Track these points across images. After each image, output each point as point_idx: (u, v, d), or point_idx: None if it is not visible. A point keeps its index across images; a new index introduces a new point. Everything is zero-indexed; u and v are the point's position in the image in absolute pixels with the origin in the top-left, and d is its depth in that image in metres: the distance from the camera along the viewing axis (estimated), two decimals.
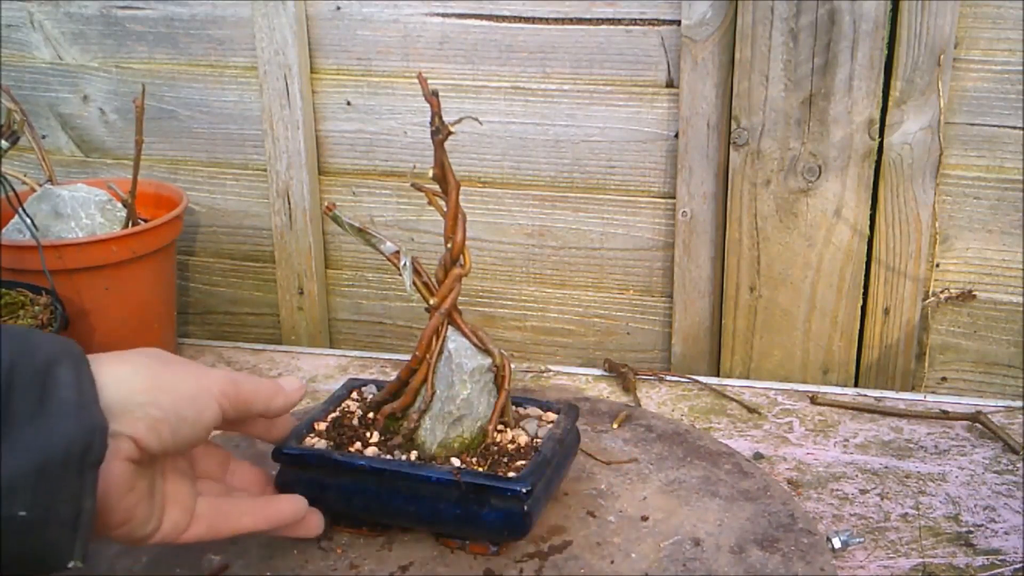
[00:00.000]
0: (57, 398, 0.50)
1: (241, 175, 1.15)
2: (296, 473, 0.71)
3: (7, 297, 0.89)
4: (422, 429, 0.72)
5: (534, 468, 0.69)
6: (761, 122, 0.96)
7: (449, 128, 0.68)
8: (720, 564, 0.70)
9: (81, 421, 0.50)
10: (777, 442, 0.90)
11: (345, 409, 0.77)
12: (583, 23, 1.01)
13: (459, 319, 0.73)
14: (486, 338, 0.74)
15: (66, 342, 0.54)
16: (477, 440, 0.73)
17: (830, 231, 0.98)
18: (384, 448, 0.72)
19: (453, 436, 0.72)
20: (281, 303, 1.17)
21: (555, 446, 0.72)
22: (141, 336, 0.99)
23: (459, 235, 0.71)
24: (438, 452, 0.72)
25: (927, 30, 0.91)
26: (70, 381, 0.51)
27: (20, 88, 1.16)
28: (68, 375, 0.52)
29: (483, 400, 0.73)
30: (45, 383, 0.50)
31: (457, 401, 0.72)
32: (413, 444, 0.73)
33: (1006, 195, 0.96)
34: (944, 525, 0.77)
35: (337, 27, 1.07)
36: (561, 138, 1.05)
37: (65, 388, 0.51)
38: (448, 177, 0.70)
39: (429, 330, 0.72)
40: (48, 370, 0.51)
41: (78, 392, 0.51)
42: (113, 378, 0.56)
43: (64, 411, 0.50)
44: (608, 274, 1.09)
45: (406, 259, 0.72)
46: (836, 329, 1.02)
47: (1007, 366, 1.01)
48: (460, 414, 0.72)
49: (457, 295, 0.73)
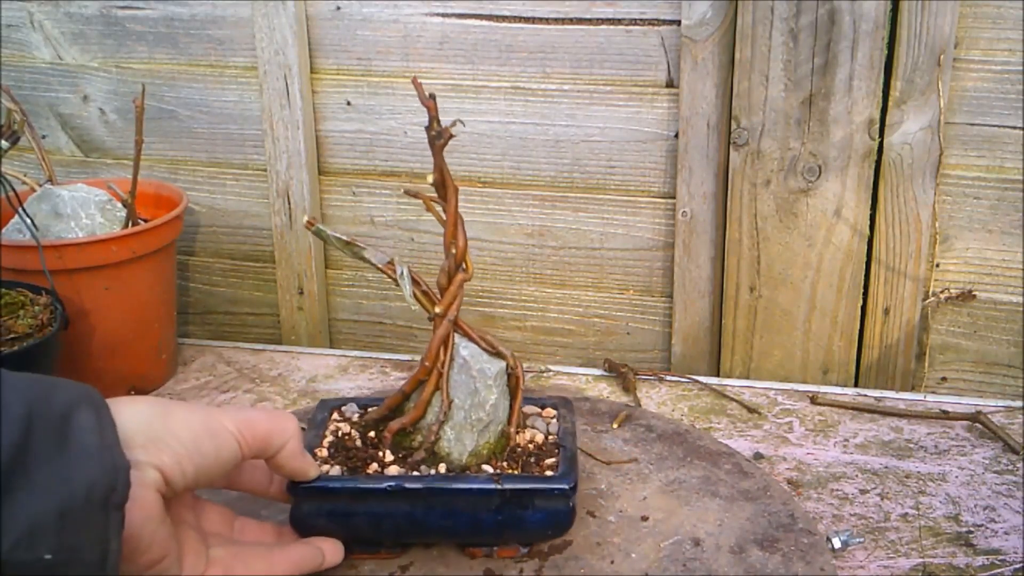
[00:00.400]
0: (78, 441, 0.51)
1: (241, 175, 1.15)
2: (315, 505, 0.68)
3: (7, 297, 0.89)
4: (443, 440, 0.71)
5: (571, 464, 0.69)
6: (761, 122, 0.96)
7: (450, 132, 0.67)
8: (720, 564, 0.70)
9: (103, 463, 0.51)
10: (777, 442, 0.90)
11: (338, 431, 0.74)
12: (583, 23, 1.01)
13: (465, 325, 0.72)
14: (495, 341, 0.73)
15: (86, 388, 0.54)
16: (501, 444, 0.72)
17: (830, 231, 0.98)
18: (405, 465, 0.70)
19: (482, 443, 0.71)
20: (281, 303, 1.17)
21: (573, 440, 0.73)
22: (141, 336, 0.99)
23: (461, 240, 0.71)
24: (469, 461, 0.71)
25: (927, 30, 0.91)
26: (91, 425, 0.52)
27: (20, 88, 1.16)
28: (88, 419, 0.52)
29: (502, 403, 0.73)
30: (65, 428, 0.51)
31: (487, 407, 0.71)
32: (437, 457, 0.71)
33: (1006, 195, 0.96)
34: (944, 525, 0.77)
35: (337, 27, 1.07)
36: (561, 138, 1.05)
37: (86, 432, 0.51)
38: (447, 182, 0.69)
39: (437, 339, 0.70)
40: (68, 414, 0.51)
41: (99, 435, 0.52)
42: (131, 414, 0.56)
43: (86, 453, 0.50)
44: (608, 274, 1.09)
45: (402, 268, 0.71)
46: (836, 329, 1.02)
47: (1007, 366, 1.01)
48: (489, 420, 0.71)
49: (461, 301, 0.72)
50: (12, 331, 0.85)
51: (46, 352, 0.86)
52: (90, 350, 0.95)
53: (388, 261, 0.72)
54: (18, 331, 0.86)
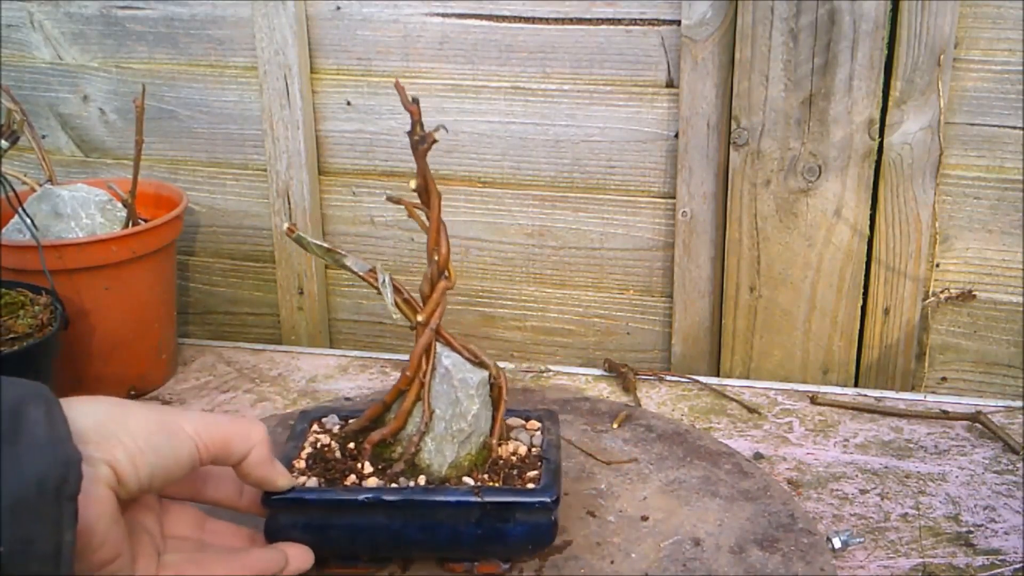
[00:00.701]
0: (28, 434, 0.50)
1: (241, 175, 1.15)
2: (290, 517, 0.66)
3: (7, 297, 0.89)
4: (424, 452, 0.69)
5: (553, 476, 0.68)
6: (761, 122, 0.96)
7: (434, 137, 0.65)
8: (720, 564, 0.70)
9: (55, 455, 0.50)
10: (777, 442, 0.90)
11: (317, 442, 0.73)
12: (583, 23, 1.01)
13: (447, 334, 0.71)
14: (478, 351, 0.71)
15: (36, 385, 0.54)
16: (483, 456, 0.71)
17: (830, 231, 0.98)
18: (385, 477, 0.68)
19: (463, 455, 0.70)
20: (281, 303, 1.17)
21: (557, 452, 0.71)
22: (141, 336, 0.99)
23: (444, 247, 0.69)
24: (449, 473, 0.69)
25: (927, 30, 0.91)
26: (40, 418, 0.51)
27: (20, 88, 1.16)
28: (38, 413, 0.51)
29: (484, 414, 0.71)
30: (15, 422, 0.50)
31: (468, 418, 0.69)
32: (417, 469, 0.69)
33: (1006, 195, 0.96)
34: (944, 525, 0.77)
35: (337, 27, 1.07)
36: (561, 138, 1.05)
37: (35, 424, 0.51)
38: (431, 188, 0.67)
39: (419, 348, 0.69)
40: (18, 409, 0.51)
41: (49, 428, 0.51)
42: (84, 412, 0.56)
43: (36, 446, 0.50)
44: (608, 274, 1.09)
45: (384, 276, 0.69)
46: (836, 329, 1.02)
47: (1007, 366, 1.01)
48: (470, 431, 0.70)
49: (444, 309, 0.70)
50: (12, 331, 0.85)
51: (46, 352, 0.86)
52: (90, 350, 0.95)
53: (370, 269, 0.70)
54: (18, 331, 0.86)
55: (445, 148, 1.07)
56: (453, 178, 1.08)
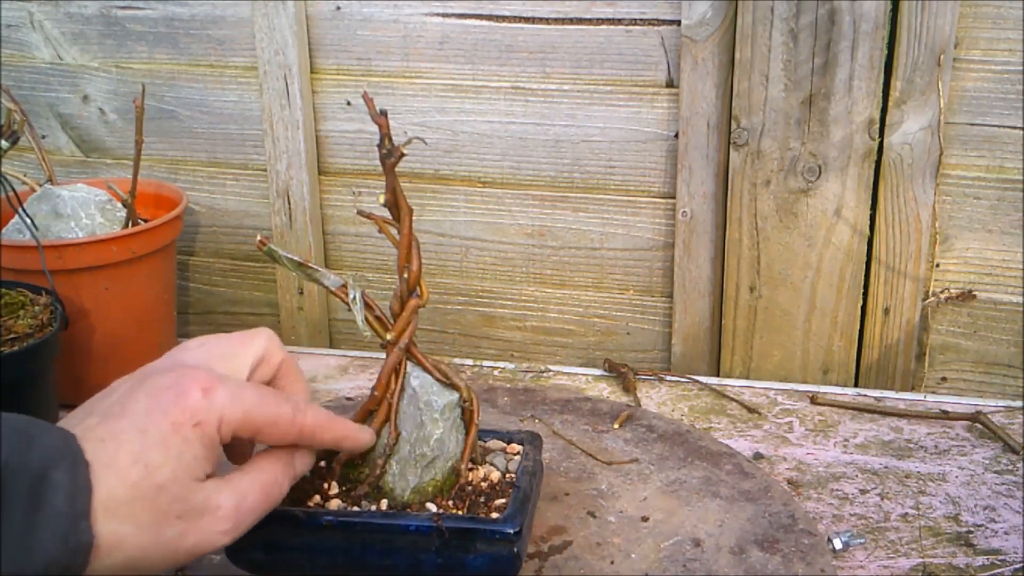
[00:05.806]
0: (48, 504, 0.49)
1: (241, 175, 1.15)
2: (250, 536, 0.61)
3: (7, 297, 0.89)
4: (388, 475, 0.67)
5: (519, 507, 0.65)
6: (761, 122, 0.96)
7: (401, 150, 0.63)
8: (720, 565, 0.70)
9: (67, 541, 0.49)
10: (777, 442, 0.90)
11: None
12: (583, 23, 1.01)
13: (418, 353, 0.68)
14: (450, 371, 0.69)
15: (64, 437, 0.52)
16: (450, 481, 0.68)
17: (830, 231, 0.98)
18: (348, 499, 0.66)
19: (427, 479, 0.67)
20: (281, 303, 1.17)
21: (530, 480, 0.68)
22: (141, 336, 0.99)
23: (415, 264, 0.67)
24: (411, 498, 0.67)
25: (927, 30, 0.91)
26: (63, 484, 0.50)
27: (20, 88, 1.16)
28: (63, 478, 0.50)
29: (453, 438, 0.68)
30: (37, 488, 0.49)
31: (431, 442, 0.67)
32: (381, 492, 0.67)
33: (1006, 195, 0.96)
34: (944, 525, 0.77)
35: (337, 27, 1.07)
36: (561, 138, 1.05)
37: (57, 493, 0.50)
38: (401, 203, 0.66)
39: (387, 368, 0.67)
40: (43, 474, 0.49)
41: (70, 500, 0.50)
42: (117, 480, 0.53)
43: (54, 516, 0.49)
44: (608, 274, 1.09)
45: (355, 292, 0.67)
46: (836, 329, 1.02)
47: (1007, 366, 1.01)
48: (433, 455, 0.67)
49: (415, 328, 0.68)
50: (12, 331, 0.85)
51: (46, 352, 0.86)
52: (90, 350, 0.95)
53: (341, 284, 0.68)
54: (18, 331, 0.86)
55: (445, 148, 1.07)
56: (453, 178, 1.08)
